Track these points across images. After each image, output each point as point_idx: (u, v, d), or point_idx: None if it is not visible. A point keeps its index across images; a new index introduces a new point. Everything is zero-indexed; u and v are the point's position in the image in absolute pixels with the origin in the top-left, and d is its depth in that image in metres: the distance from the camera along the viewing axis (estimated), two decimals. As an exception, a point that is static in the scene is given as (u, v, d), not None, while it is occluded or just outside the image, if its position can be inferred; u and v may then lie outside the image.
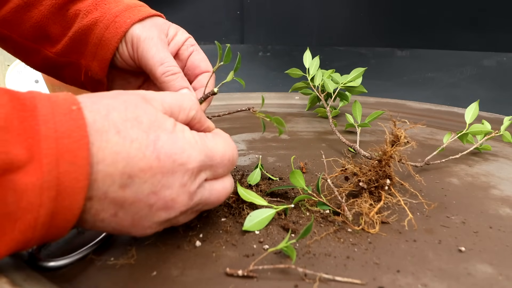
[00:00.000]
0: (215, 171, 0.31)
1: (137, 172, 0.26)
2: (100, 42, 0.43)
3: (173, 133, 0.29)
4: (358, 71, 0.70)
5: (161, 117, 0.29)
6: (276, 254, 0.33)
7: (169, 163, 0.28)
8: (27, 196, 0.23)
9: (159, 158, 0.27)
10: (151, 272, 0.31)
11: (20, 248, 0.25)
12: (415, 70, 1.33)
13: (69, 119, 0.24)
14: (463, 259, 0.33)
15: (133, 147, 0.26)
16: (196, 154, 0.29)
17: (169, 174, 0.28)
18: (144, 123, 0.27)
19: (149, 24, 0.43)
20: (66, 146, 0.24)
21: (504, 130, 0.59)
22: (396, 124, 0.40)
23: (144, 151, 0.27)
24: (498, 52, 1.22)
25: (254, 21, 1.41)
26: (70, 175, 0.24)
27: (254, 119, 0.76)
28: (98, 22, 0.43)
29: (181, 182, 0.28)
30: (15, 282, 0.27)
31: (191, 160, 0.29)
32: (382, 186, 0.39)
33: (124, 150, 0.26)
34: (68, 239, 0.34)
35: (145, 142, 0.27)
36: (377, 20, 1.34)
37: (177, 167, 0.28)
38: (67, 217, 0.25)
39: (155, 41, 0.42)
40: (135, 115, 0.27)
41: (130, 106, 0.28)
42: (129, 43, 0.42)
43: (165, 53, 0.42)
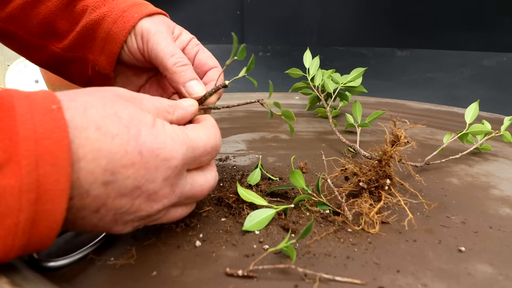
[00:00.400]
0: (199, 160, 0.31)
1: (119, 168, 0.26)
2: (108, 36, 0.43)
3: (154, 127, 0.28)
4: (358, 71, 0.70)
5: (140, 112, 0.28)
6: (276, 254, 0.33)
7: (152, 158, 0.27)
8: (5, 199, 0.22)
9: (141, 153, 0.27)
10: (151, 272, 0.31)
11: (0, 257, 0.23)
12: (415, 70, 1.33)
13: (49, 119, 0.24)
14: (463, 259, 0.33)
15: (114, 143, 0.26)
16: (178, 147, 0.29)
17: (152, 169, 0.27)
18: (124, 118, 0.27)
19: (157, 19, 0.44)
20: (46, 147, 0.23)
21: (504, 130, 0.59)
22: (396, 124, 0.40)
23: (126, 147, 0.26)
24: (498, 52, 1.22)
25: (254, 21, 1.41)
26: (51, 177, 0.23)
27: (254, 119, 0.76)
28: (106, 17, 0.43)
29: (165, 176, 0.28)
30: (15, 282, 0.27)
31: (173, 154, 0.28)
32: (382, 186, 0.39)
33: (105, 147, 0.25)
34: (68, 239, 0.35)
35: (126, 137, 0.26)
36: (377, 20, 1.34)
37: (160, 162, 0.28)
38: (49, 223, 0.24)
39: (164, 35, 0.42)
40: (114, 110, 0.27)
41: (108, 102, 0.27)
42: (138, 36, 0.43)
43: (174, 46, 0.42)
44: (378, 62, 1.38)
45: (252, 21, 1.40)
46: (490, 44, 1.21)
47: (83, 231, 0.29)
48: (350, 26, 1.39)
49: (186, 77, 0.41)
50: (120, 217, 0.28)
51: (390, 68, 1.35)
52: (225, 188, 0.44)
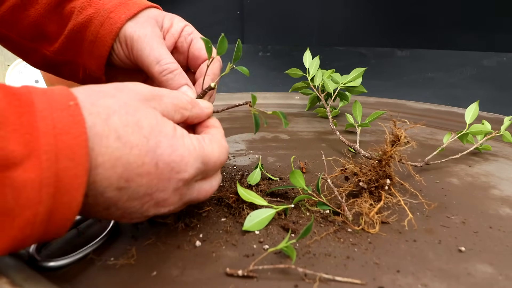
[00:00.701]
0: (207, 173, 0.33)
1: (134, 177, 0.27)
2: (95, 40, 0.42)
3: (174, 138, 0.29)
4: (358, 71, 0.70)
5: (161, 120, 0.29)
6: (276, 254, 0.33)
7: (167, 171, 0.28)
8: (26, 192, 0.22)
9: (157, 165, 0.28)
10: (151, 272, 0.31)
11: (19, 245, 0.24)
12: (415, 70, 1.33)
13: (67, 115, 0.24)
14: (463, 259, 0.33)
15: (132, 153, 0.27)
16: (193, 162, 0.30)
17: (165, 180, 0.29)
18: (144, 128, 0.28)
19: (142, 19, 0.42)
20: (65, 142, 0.24)
21: (504, 130, 0.59)
22: (396, 124, 0.40)
23: (144, 158, 0.27)
24: (498, 52, 1.22)
25: (254, 21, 1.41)
26: (69, 172, 0.24)
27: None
28: (93, 19, 0.42)
29: (175, 187, 0.29)
30: (15, 282, 0.27)
31: (187, 169, 0.29)
32: (382, 186, 0.39)
33: (124, 157, 0.26)
34: (68, 239, 0.35)
35: (145, 149, 0.27)
36: (377, 20, 1.34)
37: (174, 174, 0.29)
38: (65, 215, 0.25)
39: (148, 38, 0.41)
40: (136, 119, 0.28)
41: (130, 109, 0.28)
42: (123, 43, 0.42)
43: (159, 50, 0.40)
44: (378, 62, 1.38)
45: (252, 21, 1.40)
46: (490, 44, 1.21)
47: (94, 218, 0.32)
48: (350, 26, 1.38)
49: (174, 85, 0.40)
50: (128, 215, 0.29)
51: (390, 68, 1.35)
52: (225, 188, 0.44)
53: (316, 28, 1.40)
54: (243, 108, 0.82)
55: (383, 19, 1.33)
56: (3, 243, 0.23)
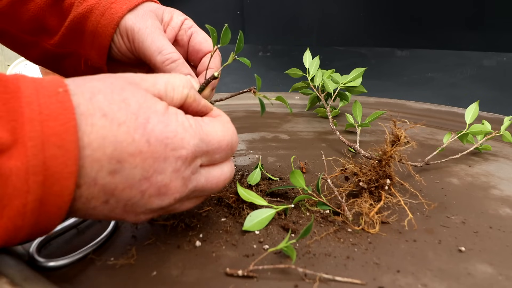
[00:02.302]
0: (212, 157, 0.30)
1: (126, 157, 0.25)
2: (96, 30, 0.42)
3: (165, 115, 0.27)
4: (358, 71, 0.70)
5: (151, 98, 0.27)
6: (276, 254, 0.33)
7: (161, 147, 0.26)
8: (12, 181, 0.22)
9: (149, 142, 0.26)
10: (151, 272, 0.31)
11: (12, 238, 0.24)
12: (415, 70, 1.33)
13: (55, 101, 0.23)
14: (463, 259, 0.33)
15: (121, 130, 0.25)
16: (190, 138, 0.28)
17: (160, 159, 0.26)
18: (132, 105, 0.26)
19: (142, 12, 0.42)
20: (52, 128, 0.23)
21: (504, 130, 0.59)
22: (396, 124, 0.40)
23: (133, 135, 0.25)
24: (498, 52, 1.22)
25: (254, 21, 1.41)
26: (58, 160, 0.23)
27: (254, 119, 0.76)
28: (94, 9, 0.42)
29: (174, 167, 0.27)
30: (15, 282, 0.27)
31: (184, 145, 0.27)
32: (382, 186, 0.39)
33: (111, 134, 0.25)
34: (68, 239, 0.35)
35: (133, 125, 0.25)
36: (377, 20, 1.34)
37: (169, 152, 0.27)
38: (58, 204, 0.24)
39: (149, 30, 0.41)
40: (122, 97, 0.26)
41: (116, 89, 0.26)
42: (124, 36, 0.42)
43: (161, 41, 0.40)
44: (378, 62, 1.38)
45: (252, 21, 1.40)
46: (490, 44, 1.21)
47: (97, 220, 0.29)
48: (350, 26, 1.39)
49: None
50: (131, 208, 0.27)
51: (390, 68, 1.35)
52: (225, 188, 0.44)
53: (316, 28, 1.40)
54: (243, 108, 0.83)
55: (383, 19, 1.33)
56: None
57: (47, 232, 0.25)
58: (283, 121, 0.75)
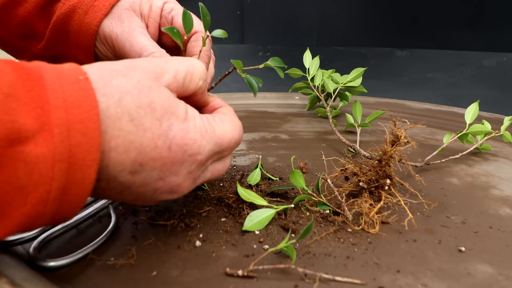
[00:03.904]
0: (221, 154, 0.33)
1: (148, 161, 0.27)
2: (80, 29, 0.42)
3: (185, 121, 0.29)
4: (358, 71, 0.70)
5: (174, 102, 0.29)
6: (276, 254, 0.33)
7: (180, 154, 0.28)
8: (39, 168, 0.22)
9: (170, 148, 0.27)
10: (151, 272, 0.31)
11: (31, 224, 0.24)
12: (415, 70, 1.33)
13: (78, 88, 0.24)
14: (463, 259, 0.33)
15: (146, 136, 0.26)
16: (206, 144, 0.30)
17: (178, 163, 0.28)
18: (157, 111, 0.27)
19: (118, 12, 0.42)
20: (77, 116, 0.23)
21: (504, 130, 0.59)
22: (396, 124, 0.40)
23: (157, 142, 0.27)
24: (498, 52, 1.22)
25: (254, 21, 1.41)
26: (82, 147, 0.23)
27: (254, 119, 0.76)
28: (77, 8, 0.42)
29: (189, 170, 0.29)
30: (15, 282, 0.27)
31: (201, 151, 0.29)
32: (382, 186, 0.39)
33: (137, 140, 0.26)
34: (68, 239, 0.35)
35: (158, 132, 0.27)
36: (377, 20, 1.34)
37: (187, 157, 0.29)
38: (79, 192, 0.24)
39: (126, 34, 0.40)
40: (149, 100, 0.27)
41: (143, 90, 0.27)
42: (104, 43, 0.42)
43: (140, 42, 0.40)
44: (378, 62, 1.38)
45: (252, 21, 1.40)
46: (490, 44, 1.21)
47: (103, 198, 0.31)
48: (350, 26, 1.39)
49: None
50: (141, 199, 0.29)
51: (390, 68, 1.35)
52: (225, 188, 0.44)
53: (316, 28, 1.40)
54: (243, 108, 0.83)
55: (383, 19, 1.33)
56: (16, 219, 0.23)
57: (65, 221, 0.26)
58: (283, 121, 0.75)
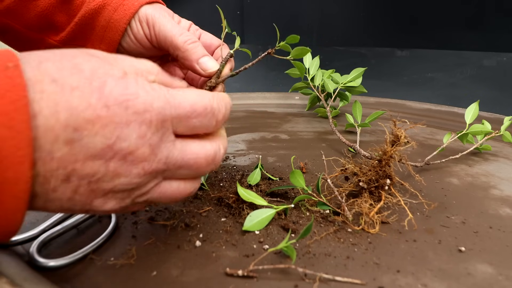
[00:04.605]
0: (188, 122, 0.27)
1: (83, 123, 0.23)
2: (108, 25, 0.43)
3: (124, 78, 0.25)
4: (358, 71, 0.70)
5: (107, 65, 0.25)
6: (276, 254, 0.33)
7: (121, 111, 0.24)
8: None
9: (107, 105, 0.23)
10: (151, 272, 0.31)
11: None
12: (415, 70, 1.33)
13: (4, 76, 0.21)
14: (463, 259, 0.33)
15: (74, 95, 0.23)
16: (153, 100, 0.25)
17: (123, 124, 0.24)
18: (85, 71, 0.24)
19: (158, 6, 0.45)
20: (0, 107, 0.20)
21: (504, 130, 0.59)
22: (396, 124, 0.40)
23: (89, 99, 0.23)
24: (498, 52, 1.22)
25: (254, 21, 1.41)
26: (8, 142, 0.20)
27: (254, 119, 0.76)
28: (106, 5, 0.43)
29: (139, 133, 0.25)
30: (15, 282, 0.27)
31: (147, 107, 0.25)
32: (382, 186, 0.39)
33: (63, 99, 0.22)
34: (68, 239, 0.35)
35: (88, 89, 0.23)
36: (377, 20, 1.34)
37: (132, 115, 0.24)
38: (14, 193, 0.21)
39: (168, 18, 0.43)
40: (73, 63, 0.24)
41: (66, 56, 0.24)
42: (144, 22, 0.43)
43: (180, 27, 0.43)
44: (378, 62, 1.38)
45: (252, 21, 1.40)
46: (490, 44, 1.21)
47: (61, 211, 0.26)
48: (350, 26, 1.39)
49: (198, 53, 0.41)
50: (97, 186, 0.24)
51: (390, 68, 1.35)
52: (225, 188, 0.44)
53: (316, 28, 1.40)
54: (243, 108, 0.83)
55: (383, 19, 1.33)
56: None
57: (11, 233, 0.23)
58: (283, 121, 0.75)
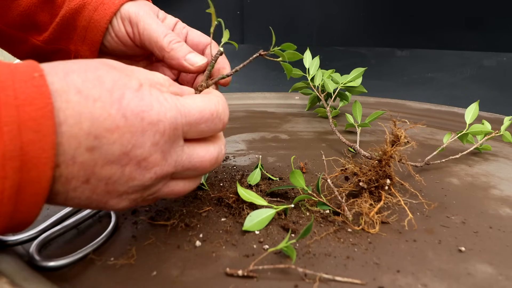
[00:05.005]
0: (197, 128, 0.30)
1: (103, 132, 0.25)
2: (89, 25, 0.43)
3: (140, 90, 0.27)
4: (358, 71, 0.70)
5: (125, 76, 0.28)
6: (276, 254, 0.33)
7: (137, 121, 0.26)
8: None
9: (125, 116, 0.26)
10: (151, 272, 0.31)
11: None
12: (415, 70, 1.33)
13: (31, 85, 0.23)
14: (463, 259, 0.33)
15: (96, 106, 0.25)
16: (166, 110, 0.28)
17: (138, 134, 0.27)
18: (106, 83, 0.26)
19: (141, 3, 0.43)
20: (28, 113, 0.23)
21: (504, 130, 0.59)
22: (396, 124, 0.40)
23: (109, 110, 0.26)
24: (498, 52, 1.22)
25: (254, 21, 1.41)
26: (35, 145, 0.23)
27: (254, 119, 0.76)
28: (86, 5, 0.43)
29: (153, 141, 0.27)
30: (15, 282, 0.27)
31: (161, 118, 0.27)
32: (382, 186, 0.39)
33: (87, 110, 0.25)
34: (68, 239, 0.35)
35: (109, 101, 0.26)
36: (377, 20, 1.34)
37: (147, 125, 0.27)
38: (36, 190, 0.24)
39: (152, 16, 0.42)
40: (96, 75, 0.26)
41: (90, 68, 0.27)
42: (126, 20, 0.42)
43: (165, 26, 0.42)
44: (378, 62, 1.38)
45: (252, 21, 1.40)
46: (490, 44, 1.21)
47: (79, 207, 0.28)
48: (350, 26, 1.39)
49: (183, 51, 0.41)
50: (113, 187, 0.27)
51: (390, 68, 1.35)
52: (225, 188, 0.44)
53: (315, 28, 1.40)
54: (243, 108, 0.83)
55: (383, 19, 1.33)
56: None
57: (26, 224, 0.25)
58: (283, 121, 0.75)
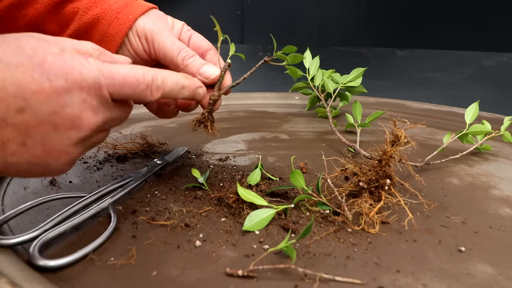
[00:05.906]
0: (121, 91, 0.32)
1: (30, 94, 0.27)
2: (103, 39, 0.44)
3: (61, 55, 0.29)
4: (358, 71, 0.70)
5: (45, 43, 0.29)
6: (276, 254, 0.33)
7: (62, 82, 0.28)
8: None
9: (50, 79, 0.27)
10: (151, 272, 0.31)
11: None
12: (415, 70, 1.33)
13: None
14: (463, 259, 0.33)
15: (19, 71, 0.26)
16: (89, 71, 0.29)
17: (65, 93, 0.28)
18: (27, 50, 0.27)
19: (153, 16, 0.45)
20: None
21: (504, 130, 0.59)
22: (396, 124, 0.40)
23: (32, 74, 0.27)
24: (498, 52, 1.22)
25: (254, 21, 1.41)
26: None
27: (254, 119, 0.76)
28: (100, 19, 0.44)
29: (80, 99, 0.29)
30: (15, 282, 0.27)
31: (84, 77, 0.29)
32: (382, 186, 0.39)
33: (10, 76, 0.26)
34: (68, 239, 0.35)
35: (30, 66, 0.27)
36: (377, 20, 1.35)
37: (72, 85, 0.28)
38: None
39: (167, 32, 0.44)
40: (16, 44, 0.27)
41: (10, 39, 0.28)
42: (142, 37, 0.44)
43: (178, 41, 0.44)
44: (378, 62, 1.38)
45: (252, 21, 1.40)
46: (490, 44, 1.21)
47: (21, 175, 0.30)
48: (350, 26, 1.39)
49: (197, 65, 0.43)
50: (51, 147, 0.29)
51: (390, 68, 1.35)
52: (225, 188, 0.44)
53: (315, 28, 1.40)
54: (243, 108, 0.83)
55: (383, 19, 1.33)
56: None
57: None
58: (283, 121, 0.75)
